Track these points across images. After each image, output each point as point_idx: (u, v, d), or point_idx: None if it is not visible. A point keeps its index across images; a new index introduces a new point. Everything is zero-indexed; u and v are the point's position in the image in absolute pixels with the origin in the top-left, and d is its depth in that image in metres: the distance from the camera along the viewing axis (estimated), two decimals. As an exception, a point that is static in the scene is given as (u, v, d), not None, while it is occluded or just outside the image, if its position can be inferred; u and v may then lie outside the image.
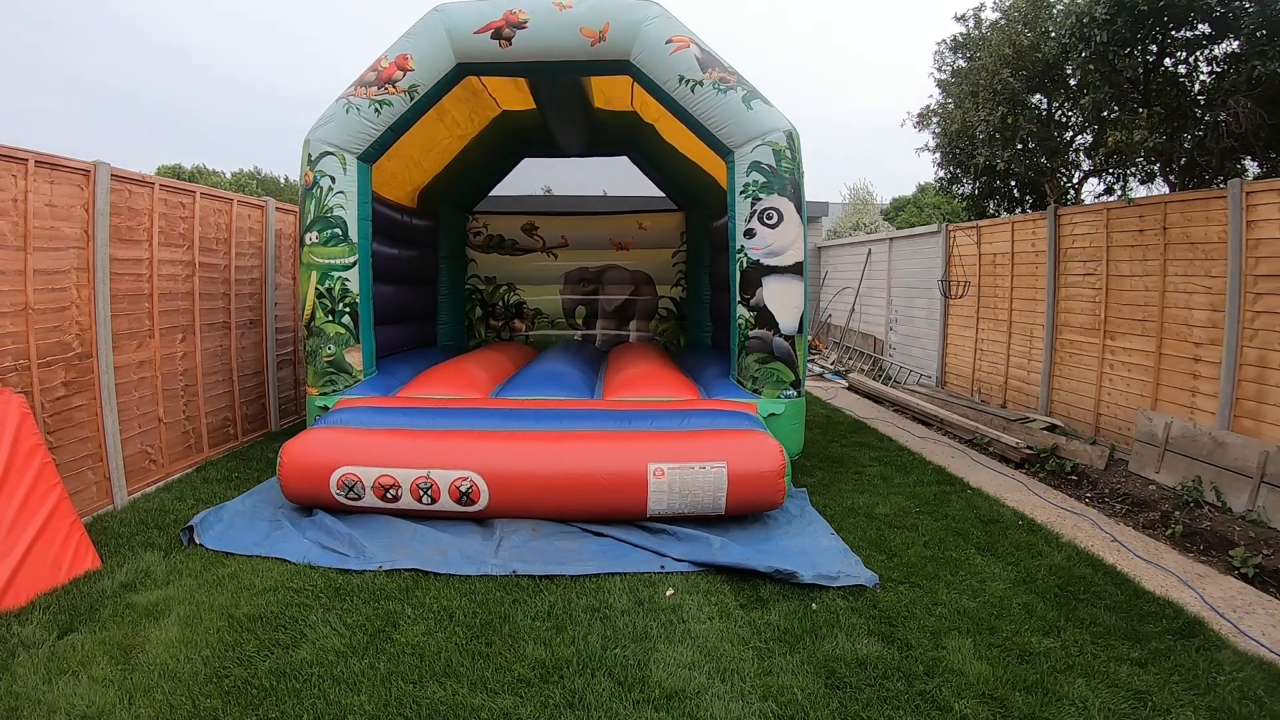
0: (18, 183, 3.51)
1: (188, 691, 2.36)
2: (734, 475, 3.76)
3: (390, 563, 3.39)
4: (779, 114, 4.76)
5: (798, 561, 3.42)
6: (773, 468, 3.80)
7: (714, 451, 3.82)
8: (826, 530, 3.91)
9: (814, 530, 3.90)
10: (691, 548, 3.63)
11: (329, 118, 4.84)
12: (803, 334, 4.86)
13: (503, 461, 3.83)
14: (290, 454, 3.88)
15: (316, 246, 4.81)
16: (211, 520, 3.84)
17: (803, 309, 4.83)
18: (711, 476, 3.75)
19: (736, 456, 3.80)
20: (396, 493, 3.80)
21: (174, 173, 25.30)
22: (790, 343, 4.80)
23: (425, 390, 5.07)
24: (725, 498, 3.78)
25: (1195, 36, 5.41)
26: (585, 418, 4.41)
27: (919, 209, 20.57)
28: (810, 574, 3.27)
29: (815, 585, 3.22)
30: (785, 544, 3.71)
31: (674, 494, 3.77)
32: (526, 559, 3.46)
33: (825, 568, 3.36)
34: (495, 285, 8.72)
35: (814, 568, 3.34)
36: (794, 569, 3.28)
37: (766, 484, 3.79)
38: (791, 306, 4.79)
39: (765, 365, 4.82)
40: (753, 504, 3.85)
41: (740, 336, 4.89)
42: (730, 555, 3.50)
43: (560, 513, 3.86)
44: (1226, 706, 2.36)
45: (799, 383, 4.86)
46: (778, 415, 4.77)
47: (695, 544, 3.66)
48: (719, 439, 3.94)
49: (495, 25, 4.74)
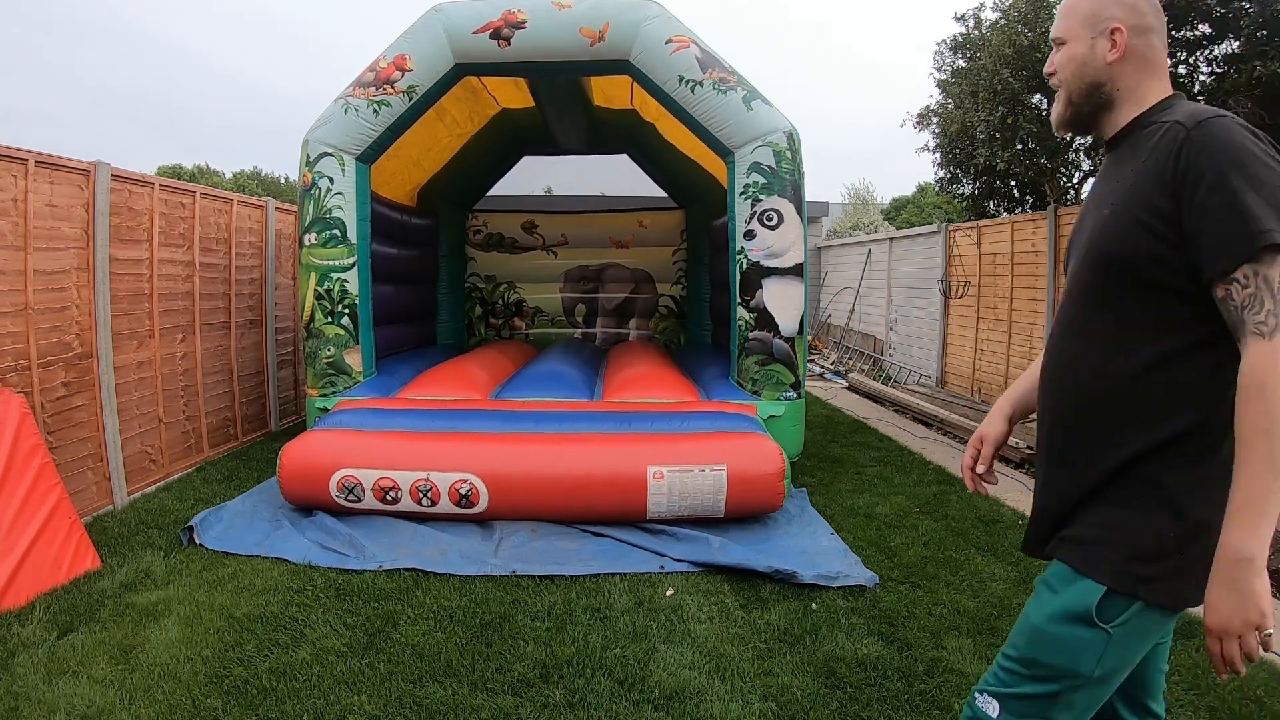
0: (18, 183, 3.51)
1: (188, 691, 2.36)
2: (733, 477, 3.74)
3: (390, 562, 3.38)
4: (779, 114, 4.73)
5: (797, 561, 3.41)
6: (772, 470, 3.79)
7: (713, 454, 3.80)
8: (826, 530, 3.89)
9: (814, 530, 3.89)
10: (691, 548, 3.61)
11: (327, 118, 4.80)
12: (803, 336, 4.83)
13: (502, 464, 3.82)
14: (290, 456, 3.86)
15: (315, 248, 4.78)
16: (211, 520, 3.82)
17: (803, 311, 4.80)
18: (711, 479, 3.74)
19: (736, 459, 3.79)
20: (396, 495, 3.80)
21: (174, 173, 25.31)
22: (790, 345, 4.78)
23: (425, 391, 5.04)
24: (725, 500, 3.77)
25: (1195, 37, 5.41)
26: (585, 419, 4.38)
27: (919, 209, 20.58)
28: (810, 574, 3.25)
29: (815, 585, 3.21)
30: (785, 544, 3.70)
31: (673, 496, 3.76)
32: (526, 559, 3.45)
33: (825, 568, 3.35)
34: (495, 284, 8.70)
35: (814, 567, 3.33)
36: (794, 569, 3.27)
37: (766, 486, 3.78)
38: (791, 308, 4.76)
39: (765, 367, 4.79)
40: (752, 506, 3.84)
41: (740, 338, 4.87)
42: (730, 555, 3.49)
43: (560, 515, 3.85)
44: (1226, 706, 2.36)
45: (799, 384, 4.83)
46: (778, 417, 4.73)
47: (695, 544, 3.65)
48: (718, 441, 3.92)
49: (494, 25, 4.70)
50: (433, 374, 5.43)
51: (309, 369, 4.93)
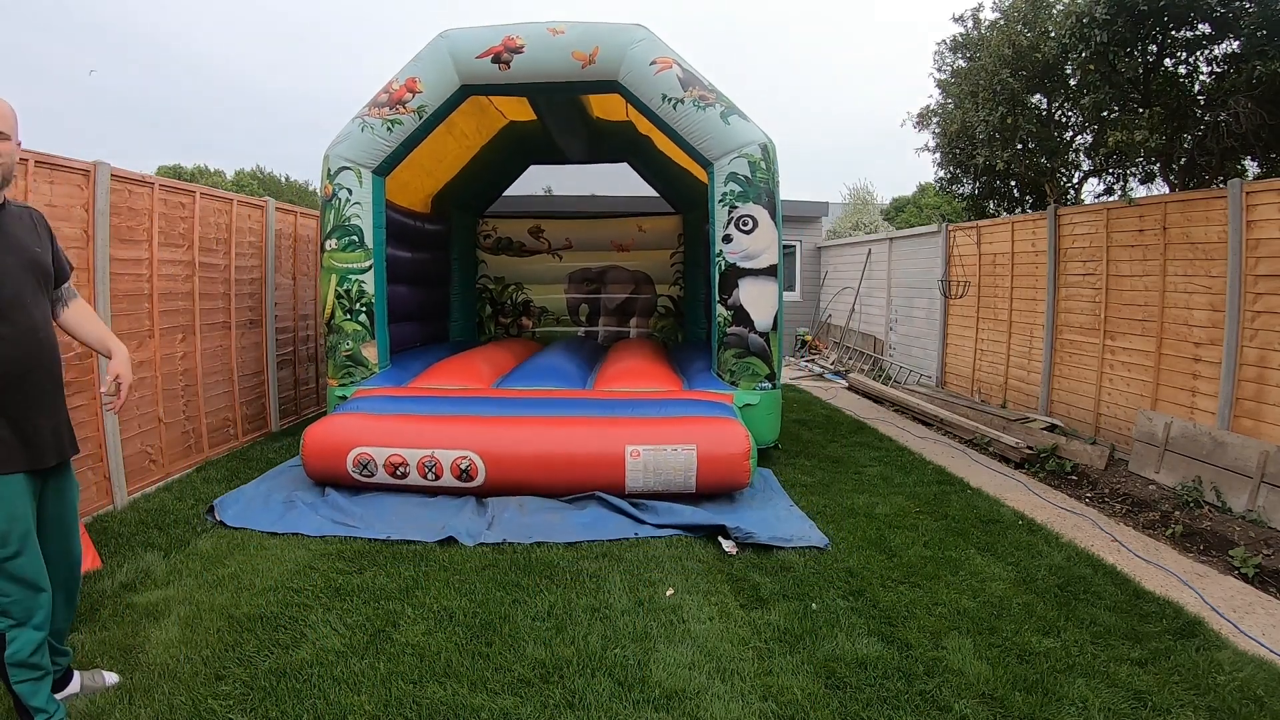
0: (18, 183, 3.50)
1: (188, 691, 2.36)
2: (703, 457, 4.13)
3: (398, 533, 3.73)
4: (755, 128, 5.08)
5: (758, 526, 3.82)
6: (739, 451, 4.16)
7: (686, 436, 4.19)
8: (786, 503, 4.32)
9: (775, 503, 4.31)
10: (664, 518, 3.99)
11: (346, 135, 5.25)
12: (777, 331, 5.21)
13: (498, 443, 4.22)
14: (312, 436, 4.31)
15: (335, 252, 5.24)
16: (228, 502, 4.11)
17: (776, 308, 5.18)
18: (683, 458, 4.14)
19: (705, 440, 4.17)
20: (405, 470, 4.21)
21: (174, 173, 25.30)
22: (765, 339, 5.16)
23: (433, 381, 5.45)
24: (695, 477, 4.16)
25: (1195, 36, 5.41)
26: (575, 405, 4.78)
27: (919, 209, 20.58)
28: (765, 535, 3.68)
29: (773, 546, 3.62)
30: (749, 515, 4.11)
31: (649, 473, 4.15)
32: (516, 532, 3.79)
33: (781, 531, 3.77)
34: (504, 285, 9.13)
35: (770, 530, 3.77)
36: (752, 529, 3.72)
37: (733, 465, 4.16)
38: (766, 306, 5.14)
39: (742, 359, 5.18)
40: (720, 483, 4.21)
41: (719, 333, 5.26)
42: (697, 518, 3.90)
43: (549, 489, 4.24)
44: (1226, 706, 2.36)
45: (774, 376, 5.21)
46: (753, 406, 5.13)
47: (667, 515, 4.02)
48: (691, 425, 4.31)
49: (495, 50, 5.12)
50: (441, 366, 5.78)
51: (330, 361, 5.38)
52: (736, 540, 3.70)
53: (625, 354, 6.59)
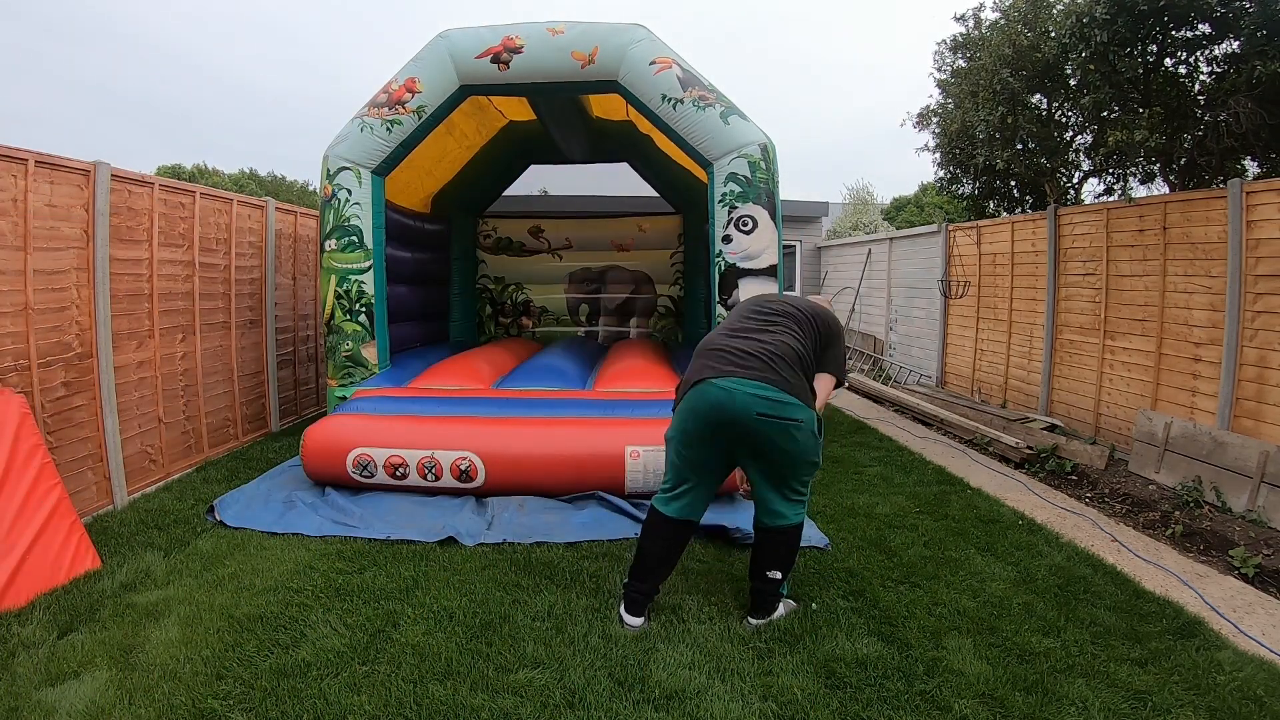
0: (17, 183, 3.51)
1: (188, 691, 2.36)
2: None
3: (398, 533, 3.72)
4: (755, 128, 5.05)
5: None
6: None
7: None
8: None
9: None
10: None
11: (345, 136, 5.23)
12: None
13: (498, 444, 4.22)
14: (312, 436, 4.30)
15: (335, 252, 5.24)
16: (229, 502, 4.11)
17: None
18: None
19: None
20: (404, 471, 4.21)
21: (174, 173, 25.30)
22: None
23: (433, 382, 5.42)
24: None
25: (1195, 36, 5.40)
26: (574, 406, 4.78)
27: (919, 209, 20.57)
28: None
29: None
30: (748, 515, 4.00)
31: (648, 473, 4.15)
32: (516, 532, 3.78)
33: None
34: (504, 285, 9.12)
35: None
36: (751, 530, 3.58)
37: None
38: None
39: None
40: None
41: None
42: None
43: (549, 490, 4.24)
44: (1226, 706, 2.36)
45: None
46: None
47: None
48: None
49: (494, 50, 5.10)
50: (441, 366, 5.76)
51: (329, 361, 5.36)
52: (736, 540, 3.68)
53: (625, 354, 6.59)
